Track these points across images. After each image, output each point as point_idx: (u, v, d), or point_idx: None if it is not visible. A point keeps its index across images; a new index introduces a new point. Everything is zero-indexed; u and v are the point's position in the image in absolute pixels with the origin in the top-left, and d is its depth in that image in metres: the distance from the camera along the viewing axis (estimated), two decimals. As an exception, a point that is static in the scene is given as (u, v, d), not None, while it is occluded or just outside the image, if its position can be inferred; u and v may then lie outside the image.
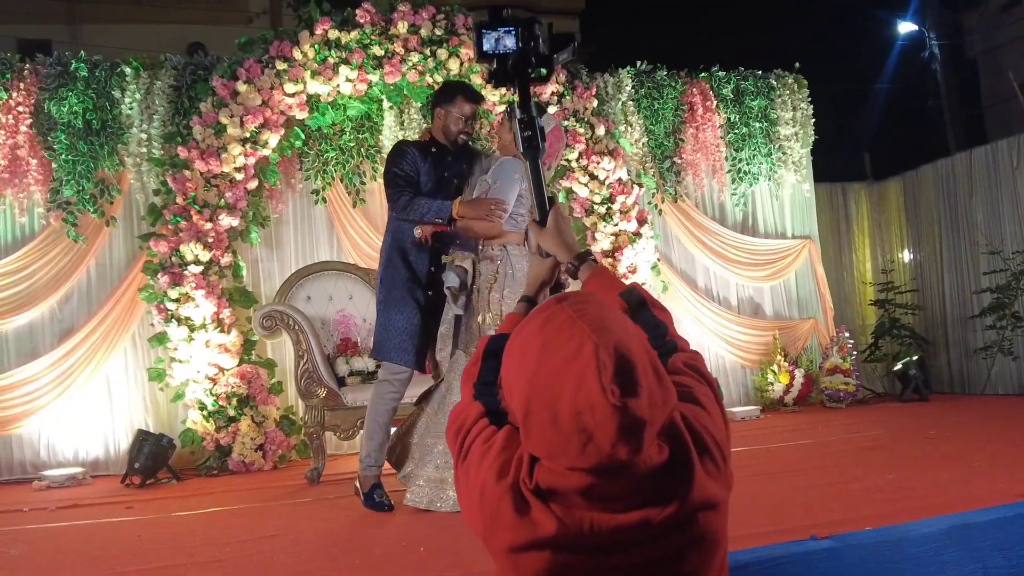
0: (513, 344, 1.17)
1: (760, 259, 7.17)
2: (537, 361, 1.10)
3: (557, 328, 1.11)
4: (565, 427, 1.07)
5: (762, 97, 7.15)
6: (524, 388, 1.12)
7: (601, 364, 1.07)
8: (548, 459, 1.12)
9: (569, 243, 1.65)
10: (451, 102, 3.81)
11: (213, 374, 5.37)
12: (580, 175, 6.28)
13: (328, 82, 5.65)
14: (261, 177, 5.70)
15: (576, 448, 1.08)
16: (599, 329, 1.10)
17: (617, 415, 1.06)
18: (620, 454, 1.07)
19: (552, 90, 6.14)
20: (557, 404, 1.08)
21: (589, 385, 1.06)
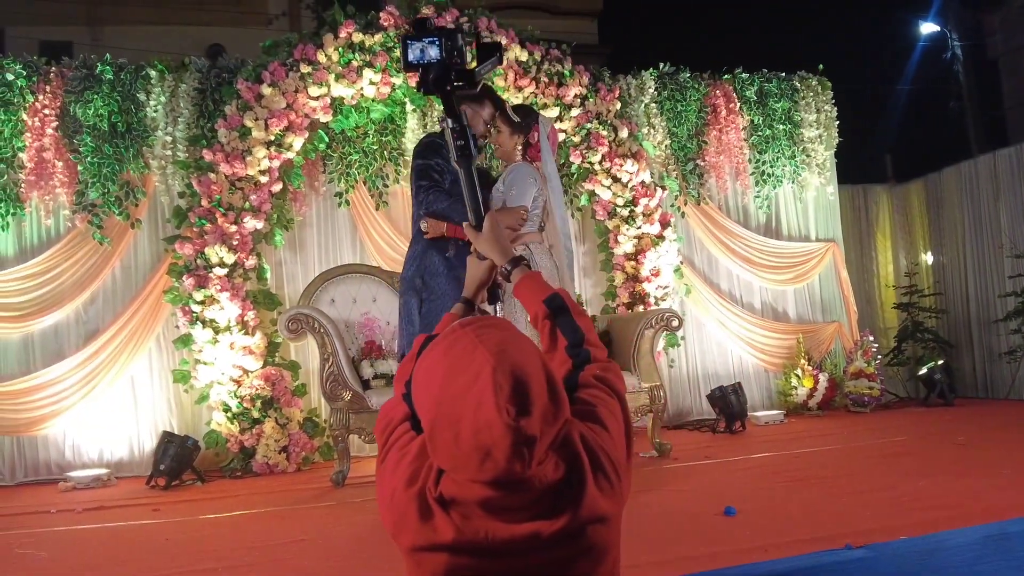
0: (421, 366, 1.27)
1: (783, 262, 7.12)
2: (441, 385, 1.20)
3: (460, 354, 1.21)
4: (466, 445, 1.17)
5: (786, 99, 7.11)
6: (430, 409, 1.21)
7: (498, 386, 1.16)
8: (451, 472, 1.23)
9: (503, 247, 1.76)
10: (480, 104, 3.80)
11: (237, 376, 5.38)
12: (603, 178, 6.26)
13: (352, 85, 5.65)
14: (285, 180, 5.71)
15: (476, 464, 1.17)
16: (498, 353, 1.19)
17: (511, 433, 1.15)
18: (515, 468, 1.17)
19: (575, 92, 6.12)
20: (459, 424, 1.17)
21: (487, 407, 1.15)
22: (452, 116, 1.75)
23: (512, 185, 3.73)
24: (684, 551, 2.87)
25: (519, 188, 3.71)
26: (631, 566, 2.75)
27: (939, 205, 8.11)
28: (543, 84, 6.05)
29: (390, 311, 5.25)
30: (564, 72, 6.10)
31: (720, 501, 3.44)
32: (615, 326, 5.53)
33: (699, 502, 3.60)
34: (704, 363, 6.86)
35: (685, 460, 4.82)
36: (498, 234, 1.77)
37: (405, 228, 5.95)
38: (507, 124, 3.84)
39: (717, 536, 3.04)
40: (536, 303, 1.63)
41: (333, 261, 5.92)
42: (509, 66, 5.95)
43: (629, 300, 6.29)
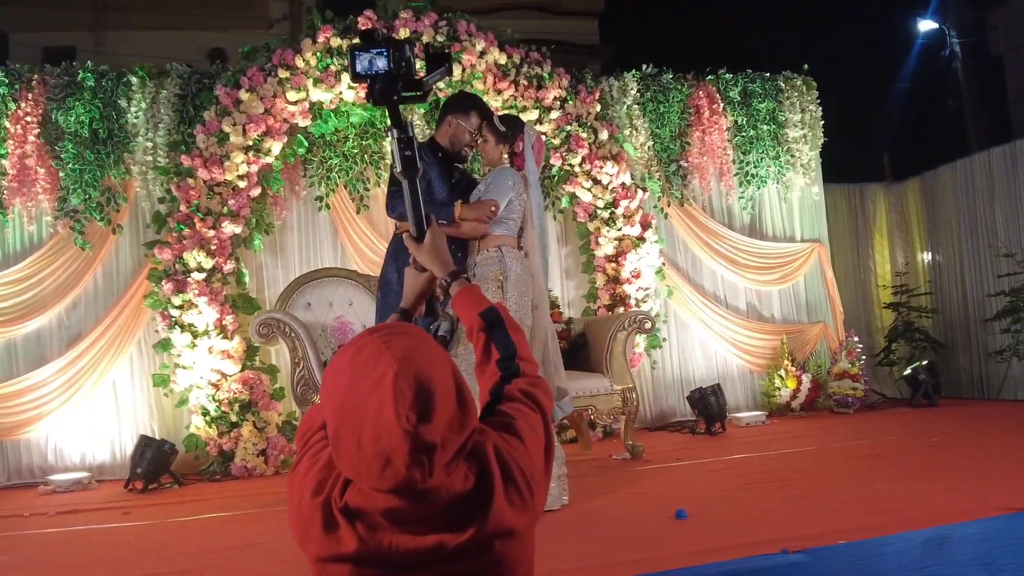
0: (328, 372, 1.25)
1: (768, 263, 7.10)
2: (345, 391, 1.19)
3: (365, 360, 1.20)
4: (367, 451, 1.16)
5: (770, 99, 7.08)
6: (334, 415, 1.20)
7: (399, 392, 1.15)
8: (355, 480, 1.22)
9: (444, 260, 1.76)
10: (466, 114, 3.89)
11: (216, 380, 5.42)
12: (583, 180, 6.26)
13: (331, 89, 5.68)
14: (264, 184, 5.75)
15: (377, 471, 1.16)
16: (403, 359, 1.18)
17: (409, 440, 1.14)
18: (414, 476, 1.16)
19: (554, 95, 6.12)
20: (361, 429, 1.16)
21: (387, 412, 1.14)
22: (398, 127, 1.73)
23: (490, 184, 3.78)
24: (628, 554, 2.88)
25: (495, 187, 3.76)
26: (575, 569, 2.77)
27: (935, 204, 8.07)
28: (522, 87, 6.05)
29: (366, 314, 5.28)
30: (543, 75, 6.11)
31: (677, 504, 3.44)
32: (591, 328, 5.54)
33: (654, 505, 3.61)
34: (687, 364, 6.84)
35: (657, 462, 4.82)
36: (439, 246, 1.77)
37: (386, 231, 5.97)
38: (493, 133, 3.89)
39: (663, 539, 3.05)
40: (472, 316, 1.63)
41: (314, 264, 5.94)
42: (488, 69, 5.96)
43: (610, 302, 6.28)
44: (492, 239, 3.78)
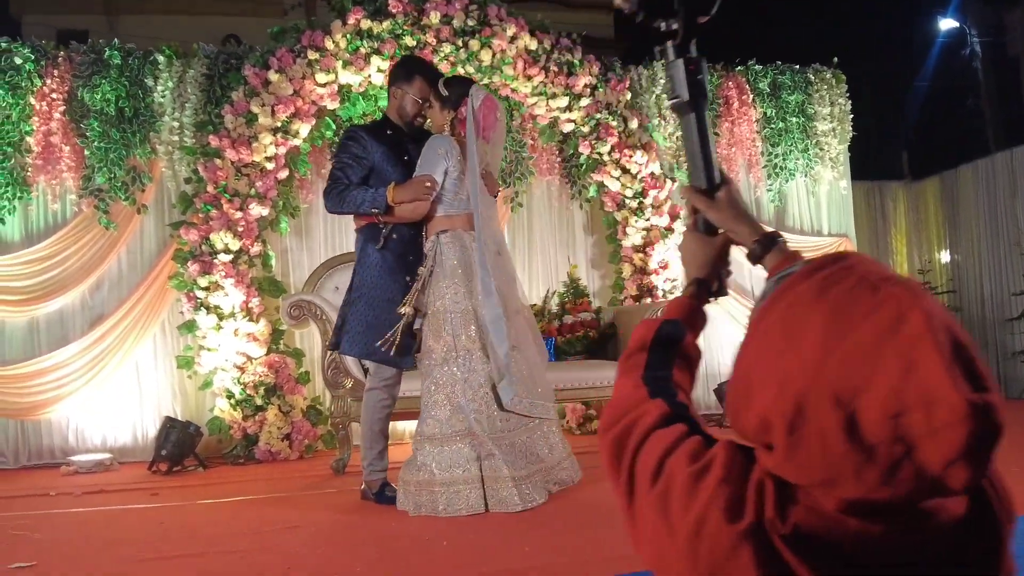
0: (762, 324, 0.85)
1: (795, 257, 7.01)
2: (823, 339, 0.76)
3: (850, 292, 0.78)
4: (869, 434, 0.73)
5: (799, 92, 7.00)
6: (796, 381, 0.77)
7: (939, 342, 0.73)
8: (822, 486, 0.78)
9: (750, 219, 1.26)
10: (409, 82, 3.63)
11: (241, 363, 5.36)
12: (612, 169, 6.19)
13: (360, 72, 5.61)
14: (292, 167, 5.68)
15: (881, 468, 0.73)
16: (921, 294, 0.77)
17: (971, 419, 0.71)
18: (952, 481, 0.72)
19: (585, 82, 6.04)
20: (858, 400, 0.74)
21: (927, 370, 0.72)
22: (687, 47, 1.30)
23: (420, 158, 3.52)
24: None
25: (424, 159, 3.48)
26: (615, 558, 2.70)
27: (955, 202, 7.99)
28: (552, 73, 5.98)
29: (394, 300, 5.21)
30: (574, 62, 6.03)
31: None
32: (621, 318, 5.47)
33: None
34: (713, 357, 6.77)
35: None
36: (737, 201, 1.29)
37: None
38: (436, 99, 3.60)
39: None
40: None
41: (339, 249, 5.88)
42: (518, 55, 5.88)
43: (637, 292, 6.21)
44: (435, 223, 3.55)
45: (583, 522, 3.08)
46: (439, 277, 3.49)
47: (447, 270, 3.48)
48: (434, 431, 3.41)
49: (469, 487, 3.33)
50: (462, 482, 3.34)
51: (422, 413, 3.49)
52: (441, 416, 3.41)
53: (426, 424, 3.44)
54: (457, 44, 5.72)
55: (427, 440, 3.42)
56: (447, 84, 3.63)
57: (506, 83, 5.98)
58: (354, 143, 3.57)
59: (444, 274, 3.48)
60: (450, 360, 3.45)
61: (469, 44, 5.73)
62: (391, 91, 3.69)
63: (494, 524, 3.16)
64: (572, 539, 2.86)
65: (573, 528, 3.02)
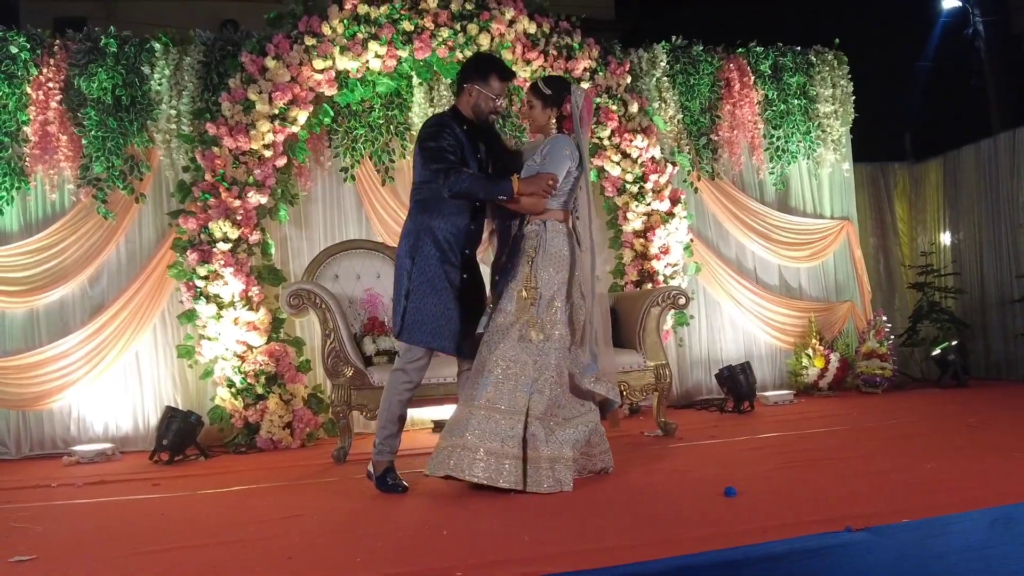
0: None
1: (799, 239, 7.03)
2: None
3: None
4: None
5: (801, 74, 6.97)
6: None
7: None
8: None
9: None
10: (485, 80, 3.67)
11: (242, 352, 5.36)
12: (612, 153, 6.16)
13: (357, 58, 5.57)
14: (290, 154, 5.65)
15: None
16: None
17: None
18: None
19: (584, 66, 6.00)
20: None
21: None
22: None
23: (546, 154, 3.62)
24: (682, 532, 2.80)
25: (552, 158, 3.59)
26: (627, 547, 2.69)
27: (957, 183, 7.94)
28: (551, 57, 5.94)
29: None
30: (573, 45, 5.99)
31: (722, 482, 3.37)
32: (622, 304, 5.44)
33: (700, 483, 3.53)
34: (714, 342, 6.78)
35: (690, 440, 4.75)
36: None
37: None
38: (538, 98, 3.71)
39: (716, 517, 2.97)
40: None
41: (338, 237, 5.88)
42: (517, 39, 5.85)
43: (638, 278, 6.20)
44: (540, 213, 3.65)
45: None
46: (543, 258, 3.59)
47: (551, 254, 3.58)
48: (487, 399, 3.46)
49: (512, 462, 3.39)
50: (508, 456, 3.39)
51: (479, 379, 3.52)
52: (501, 388, 3.47)
53: (483, 390, 3.48)
54: (455, 28, 5.68)
55: (478, 407, 3.46)
56: (547, 83, 3.74)
57: (505, 68, 5.94)
58: (449, 131, 3.60)
59: (548, 258, 3.58)
60: (525, 338, 3.52)
61: (467, 28, 5.69)
62: (464, 88, 3.70)
63: (499, 511, 3.16)
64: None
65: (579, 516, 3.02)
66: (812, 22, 9.21)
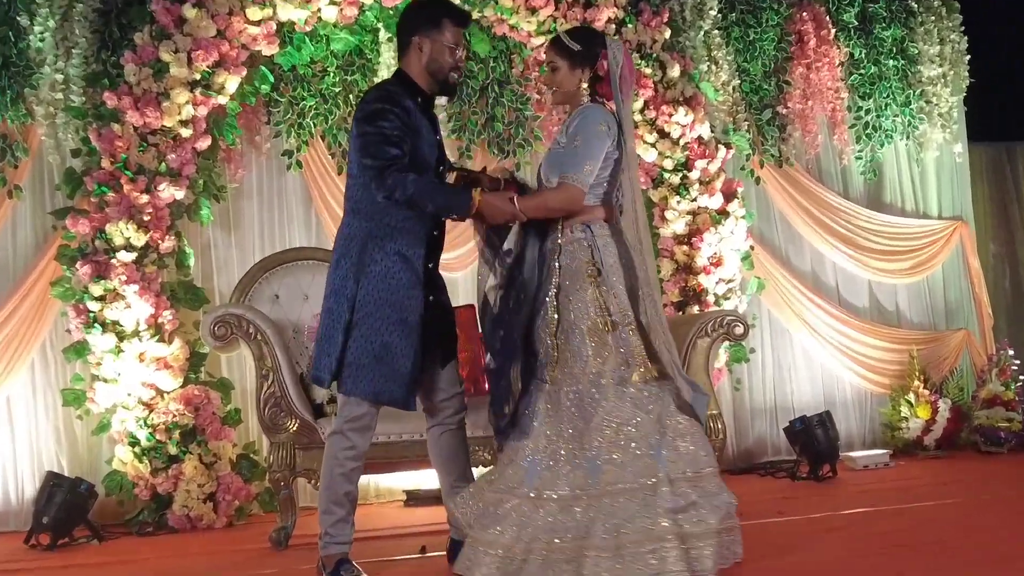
0: None
1: (897, 245, 7.05)
2: None
3: None
4: None
5: (897, 26, 7.01)
6: None
7: None
8: None
9: None
10: (437, 26, 3.61)
11: (149, 398, 5.37)
12: (646, 132, 6.18)
13: (306, 5, 5.61)
14: (216, 134, 5.68)
15: None
16: None
17: None
18: None
19: (608, 16, 6.03)
20: None
21: None
22: None
23: (576, 134, 3.59)
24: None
25: (584, 138, 3.56)
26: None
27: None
28: (565, 5, 5.97)
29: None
30: (593, -13, 6.05)
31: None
32: (659, 334, 5.46)
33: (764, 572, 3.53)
34: (783, 384, 6.80)
35: (751, 517, 4.72)
36: None
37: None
38: (563, 56, 3.69)
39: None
40: None
41: (280, 243, 5.91)
42: (520, -21, 5.90)
43: (680, 299, 6.21)
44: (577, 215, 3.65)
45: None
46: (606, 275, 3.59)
47: (609, 266, 3.59)
48: (607, 483, 3.36)
49: (669, 546, 3.21)
50: (659, 539, 3.22)
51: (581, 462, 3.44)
52: (623, 459, 3.39)
53: (600, 473, 3.39)
54: (437, -35, 5.72)
55: (597, 496, 3.36)
56: (574, 37, 3.74)
57: (502, 18, 5.99)
58: (396, 110, 3.55)
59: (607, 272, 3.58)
60: (626, 382, 3.49)
61: (452, -34, 5.72)
62: (411, 43, 3.66)
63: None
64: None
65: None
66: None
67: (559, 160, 3.62)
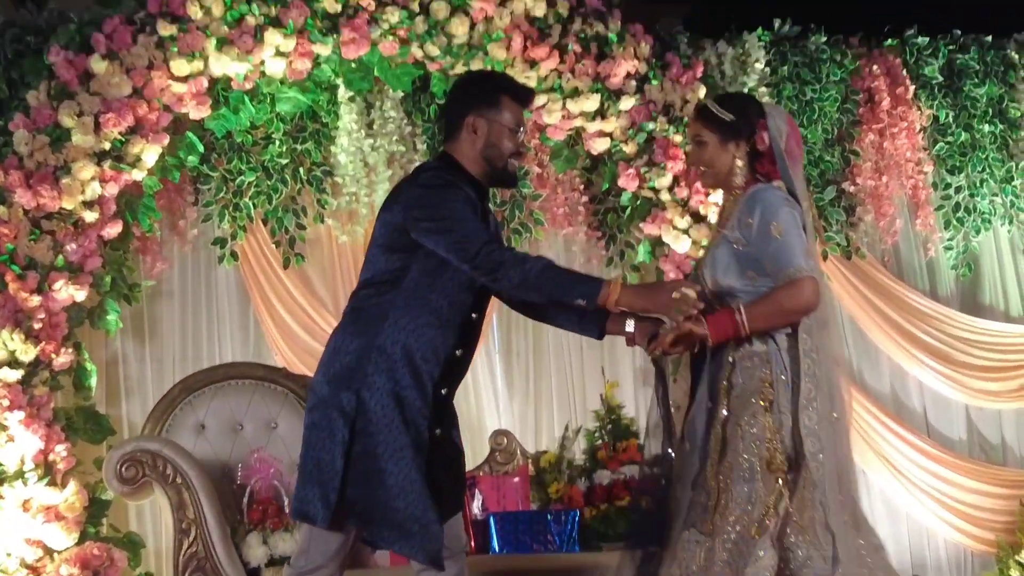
0: None
1: (996, 360, 7.04)
2: None
3: None
4: None
5: (994, 82, 7.09)
6: None
7: None
8: None
9: None
10: (495, 105, 3.64)
11: (35, 559, 5.31)
12: (676, 215, 6.20)
13: (246, 57, 5.69)
14: (128, 218, 5.72)
15: None
16: None
17: None
18: None
19: (628, 70, 6.10)
20: None
21: None
22: None
23: (768, 221, 3.54)
24: None
25: (782, 223, 3.53)
26: None
27: None
28: (573, 56, 6.05)
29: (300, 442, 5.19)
30: (609, 36, 6.14)
31: None
32: (696, 474, 5.45)
33: None
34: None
35: None
36: None
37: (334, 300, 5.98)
38: (712, 127, 3.72)
39: None
40: None
41: (209, 357, 5.95)
42: (515, 26, 5.98)
43: (723, 427, 6.19)
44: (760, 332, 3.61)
45: None
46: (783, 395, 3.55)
47: (788, 390, 3.55)
48: None
49: None
50: None
51: None
52: None
53: None
54: (411, 8, 5.82)
55: None
56: (725, 105, 3.77)
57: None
58: (461, 193, 3.57)
59: (786, 388, 3.53)
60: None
61: (431, 9, 5.82)
62: (463, 124, 3.67)
63: None
64: None
65: None
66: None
67: (755, 257, 3.57)
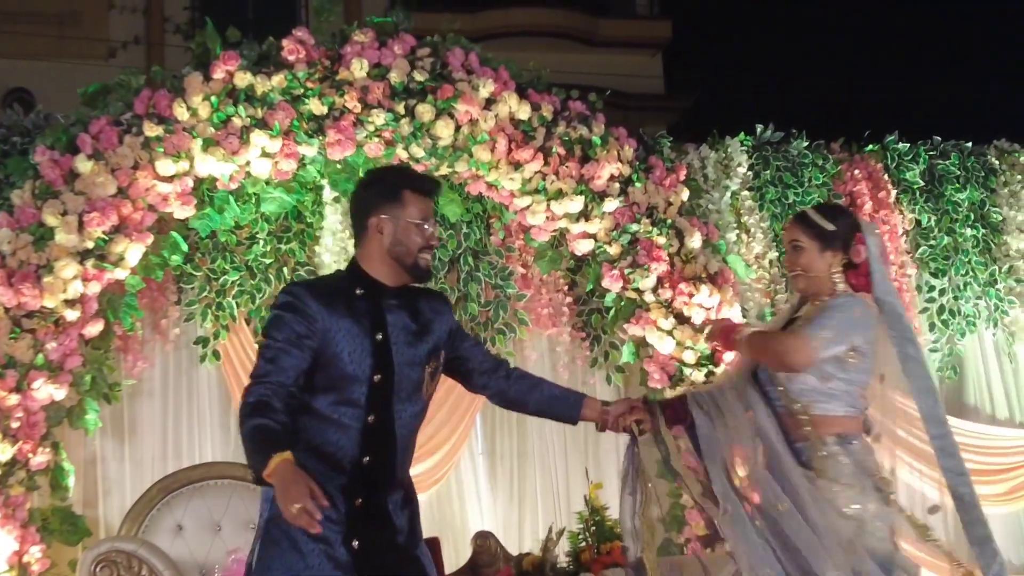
0: None
1: (983, 463, 6.98)
2: None
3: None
4: None
5: (975, 186, 7.18)
6: None
7: None
8: None
9: None
10: (396, 200, 3.54)
11: (8, 665, 5.25)
12: (660, 316, 6.20)
13: (231, 157, 5.72)
14: (110, 316, 5.72)
15: None
16: None
17: None
18: None
19: (611, 171, 6.14)
20: None
21: None
22: None
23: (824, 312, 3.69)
24: None
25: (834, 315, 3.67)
26: None
27: None
28: (557, 158, 6.09)
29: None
30: (593, 138, 6.19)
31: None
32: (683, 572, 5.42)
33: None
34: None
35: None
36: None
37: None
38: (813, 235, 3.78)
39: None
40: None
41: (187, 457, 5.93)
42: (500, 128, 6.01)
43: (706, 530, 6.15)
44: (829, 422, 3.73)
45: None
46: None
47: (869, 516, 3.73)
48: None
49: None
50: None
51: None
52: None
53: None
54: (397, 111, 5.87)
55: None
56: (826, 214, 3.84)
57: (478, 174, 6.12)
58: (293, 314, 3.48)
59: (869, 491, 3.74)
60: None
61: (417, 111, 5.87)
62: (367, 227, 3.64)
63: None
64: None
65: None
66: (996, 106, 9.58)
67: None
